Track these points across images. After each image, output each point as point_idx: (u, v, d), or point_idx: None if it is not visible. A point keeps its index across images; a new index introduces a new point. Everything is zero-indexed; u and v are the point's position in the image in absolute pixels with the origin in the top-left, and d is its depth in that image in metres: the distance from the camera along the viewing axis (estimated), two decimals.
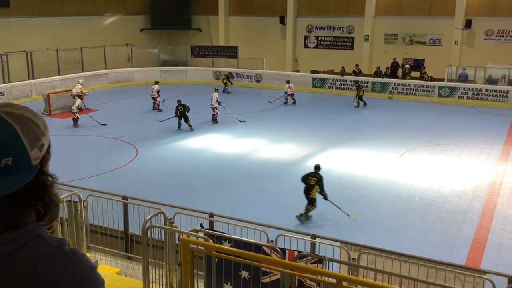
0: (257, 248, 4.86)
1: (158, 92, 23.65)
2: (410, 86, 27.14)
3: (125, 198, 8.55)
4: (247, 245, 4.91)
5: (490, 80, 26.23)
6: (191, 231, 5.49)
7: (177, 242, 5.54)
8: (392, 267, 6.45)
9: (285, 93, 25.15)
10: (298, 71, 33.74)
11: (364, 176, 14.68)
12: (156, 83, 24.16)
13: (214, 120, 20.88)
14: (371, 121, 21.63)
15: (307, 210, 11.42)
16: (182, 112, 19.83)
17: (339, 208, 11.59)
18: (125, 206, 8.53)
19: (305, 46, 34.75)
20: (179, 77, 31.73)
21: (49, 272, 1.30)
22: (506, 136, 19.45)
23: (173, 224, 5.52)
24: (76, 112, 20.48)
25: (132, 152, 16.83)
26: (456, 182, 14.15)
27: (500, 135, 19.40)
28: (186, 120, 19.69)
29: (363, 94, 24.63)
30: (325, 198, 11.35)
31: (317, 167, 11.71)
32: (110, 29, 33.65)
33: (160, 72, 31.45)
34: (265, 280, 4.81)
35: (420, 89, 26.85)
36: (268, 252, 4.80)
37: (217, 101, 20.66)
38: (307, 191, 11.43)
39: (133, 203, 8.39)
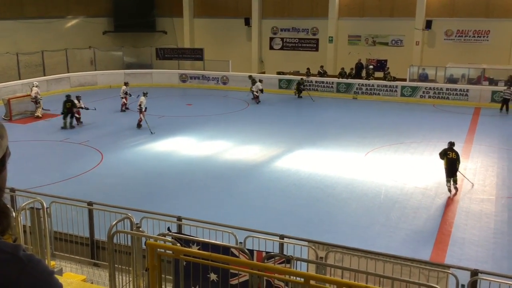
0: (226, 250, 4.86)
1: (126, 93, 23.36)
2: (373, 86, 27.64)
3: (90, 204, 8.40)
4: (215, 248, 4.90)
5: (451, 79, 26.97)
6: (158, 235, 5.45)
7: (144, 247, 5.48)
8: (359, 265, 6.55)
9: (259, 90, 25.25)
10: (264, 72, 33.87)
11: (331, 175, 14.86)
12: (125, 84, 23.85)
13: (138, 125, 20.22)
14: (336, 121, 21.92)
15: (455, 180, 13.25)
16: (69, 108, 19.77)
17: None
18: (90, 212, 8.37)
19: (271, 47, 34.94)
20: (144, 80, 31.38)
21: (3, 279, 1.27)
22: (467, 133, 20.03)
23: (140, 229, 5.46)
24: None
25: (96, 157, 16.55)
26: (419, 180, 14.48)
27: (461, 133, 19.95)
28: (72, 117, 19.91)
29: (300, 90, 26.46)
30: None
31: (452, 144, 13.49)
32: (72, 32, 33.02)
33: (124, 75, 31.01)
34: (234, 282, 4.82)
35: (383, 89, 27.37)
36: (236, 253, 4.80)
37: (139, 105, 19.90)
38: (454, 164, 13.22)
39: (98, 209, 8.25)
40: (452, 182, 13.26)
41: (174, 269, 5.09)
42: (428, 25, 29.40)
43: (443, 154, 13.41)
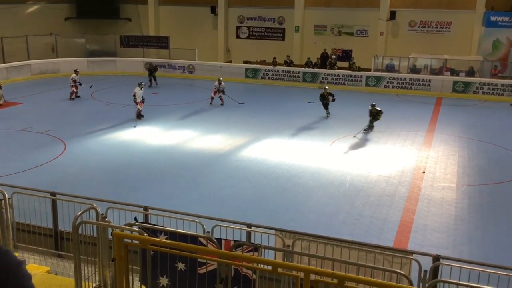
0: (193, 239, 4.85)
1: (74, 81, 22.94)
2: (339, 76, 27.93)
3: (53, 194, 8.22)
4: (183, 237, 4.89)
5: (414, 70, 27.53)
6: (124, 225, 5.38)
7: (110, 237, 5.41)
8: (325, 252, 6.65)
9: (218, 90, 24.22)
10: (230, 61, 33.75)
11: (298, 164, 14.99)
12: (75, 72, 23.34)
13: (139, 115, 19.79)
14: (303, 111, 22.04)
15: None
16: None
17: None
18: (54, 203, 8.20)
19: (237, 36, 34.79)
20: (108, 68, 30.77)
21: None
22: (429, 123, 20.53)
23: (106, 219, 5.38)
24: None
25: (59, 146, 16.18)
26: (383, 168, 14.78)
27: (423, 122, 20.45)
28: None
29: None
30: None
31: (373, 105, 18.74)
32: (33, 18, 31.99)
33: (87, 63, 30.36)
34: (202, 271, 4.82)
35: (349, 79, 27.71)
36: (204, 242, 4.80)
37: (134, 96, 19.40)
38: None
39: (62, 199, 8.08)
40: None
41: (141, 259, 5.06)
42: (392, 16, 29.85)
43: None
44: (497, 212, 11.84)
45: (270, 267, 3.82)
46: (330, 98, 20.75)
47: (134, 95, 19.36)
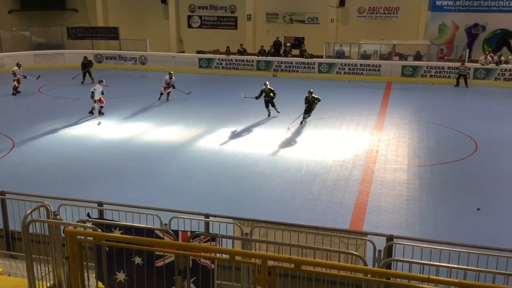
0: (149, 232, 4.80)
1: (14, 74, 22.18)
2: (292, 63, 28.13)
3: (2, 193, 7.93)
4: (138, 231, 4.83)
5: (364, 56, 28.07)
6: (77, 222, 5.27)
7: (63, 235, 5.28)
8: (283, 238, 6.74)
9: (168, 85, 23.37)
10: (183, 51, 33.40)
11: (254, 152, 15.05)
12: (17, 65, 22.51)
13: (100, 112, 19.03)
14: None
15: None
16: None
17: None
18: (3, 202, 7.92)
19: (189, 26, 34.42)
20: (56, 61, 29.79)
21: None
22: (380, 107, 21.02)
23: (57, 217, 5.24)
24: None
25: (7, 143, 15.59)
26: (338, 153, 15.05)
27: (374, 107, 20.92)
28: None
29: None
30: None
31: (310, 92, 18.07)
32: None
33: (34, 56, 29.29)
34: (159, 263, 4.78)
35: (302, 66, 27.96)
36: (161, 235, 4.76)
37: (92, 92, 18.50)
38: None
39: (11, 198, 7.81)
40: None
41: (96, 256, 4.97)
42: (342, 2, 30.25)
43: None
44: (447, 191, 12.30)
45: (227, 256, 3.84)
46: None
47: (92, 92, 18.34)
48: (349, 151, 15.21)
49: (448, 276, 5.37)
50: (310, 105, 18.03)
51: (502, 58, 25.76)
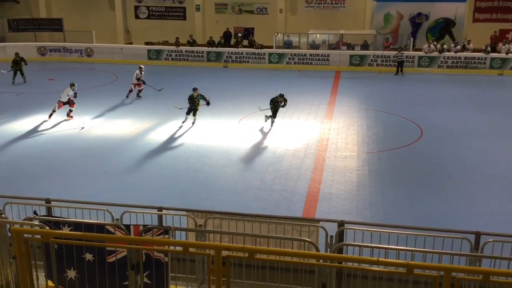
0: (100, 228, 4.71)
1: None
2: (243, 54, 28.12)
3: None
4: (89, 227, 4.73)
5: (313, 45, 28.41)
6: (23, 220, 5.10)
7: (10, 234, 5.10)
8: (237, 228, 6.78)
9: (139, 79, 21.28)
10: (131, 43, 32.72)
11: (207, 144, 14.98)
12: None
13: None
14: (208, 90, 21.84)
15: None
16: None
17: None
18: None
19: (137, 17, 33.73)
20: None
21: None
22: (330, 96, 21.39)
23: (2, 216, 5.06)
24: None
25: None
26: (289, 142, 15.22)
27: (324, 96, 21.27)
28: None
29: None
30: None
31: (281, 95, 16.71)
32: None
33: None
34: (111, 259, 4.71)
35: (252, 57, 28.00)
36: (112, 230, 4.68)
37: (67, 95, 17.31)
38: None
39: None
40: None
41: (45, 254, 4.83)
42: None
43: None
44: (394, 176, 12.70)
45: (181, 248, 3.82)
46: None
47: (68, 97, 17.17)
48: (301, 140, 15.41)
49: (396, 257, 5.59)
50: (276, 106, 16.70)
51: (445, 46, 26.72)
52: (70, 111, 17.55)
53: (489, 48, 26.15)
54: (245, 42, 29.23)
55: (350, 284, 6.13)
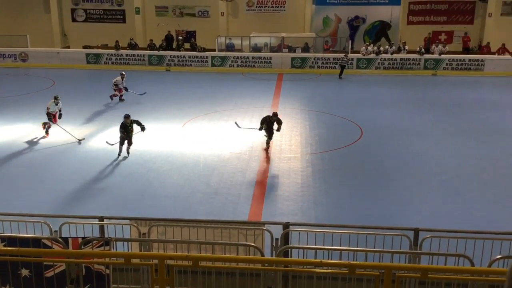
0: (36, 242, 4.51)
1: None
2: (185, 57, 27.88)
3: None
4: (24, 241, 4.51)
5: (255, 48, 28.60)
6: None
7: None
8: (182, 235, 6.68)
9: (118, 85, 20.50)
10: (68, 47, 31.70)
11: (150, 149, 14.71)
12: None
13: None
14: (151, 95, 21.59)
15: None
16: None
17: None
18: None
19: (74, 20, 32.70)
20: None
21: None
22: (273, 98, 21.59)
23: None
24: None
25: None
26: (234, 145, 15.22)
27: (267, 98, 21.44)
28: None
29: None
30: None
31: (274, 114, 14.77)
32: None
33: None
34: (49, 274, 4.51)
35: (195, 60, 27.82)
36: (49, 244, 4.49)
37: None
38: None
39: None
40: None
41: None
42: None
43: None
44: (337, 175, 12.98)
45: (123, 260, 3.72)
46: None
47: (48, 108, 15.83)
48: (245, 143, 15.45)
49: (340, 258, 5.70)
50: (270, 127, 14.65)
51: (381, 48, 27.63)
52: (49, 127, 16.04)
53: (423, 50, 27.28)
54: (187, 46, 28.99)
55: (296, 285, 6.20)
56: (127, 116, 14.04)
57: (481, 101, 21.10)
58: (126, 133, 13.94)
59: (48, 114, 15.83)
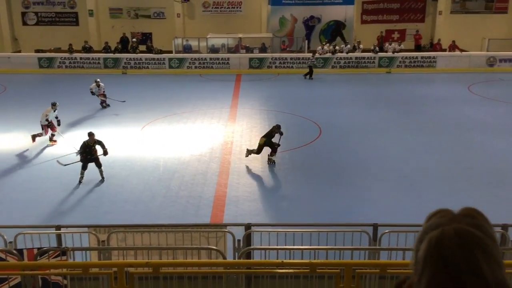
0: None
1: None
2: (142, 60, 27.50)
3: None
4: None
5: (213, 49, 28.50)
6: None
7: None
8: (142, 240, 6.59)
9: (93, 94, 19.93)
10: (20, 51, 30.70)
11: (108, 155, 14.42)
12: None
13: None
14: (108, 99, 21.19)
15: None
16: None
17: None
18: None
19: (24, 23, 31.70)
20: None
21: None
22: (232, 99, 21.59)
23: None
24: None
25: None
26: (194, 147, 15.13)
27: (226, 99, 21.42)
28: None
29: None
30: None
31: (277, 126, 13.76)
32: None
33: None
34: (4, 287, 4.37)
35: (152, 62, 27.47)
36: (3, 256, 4.34)
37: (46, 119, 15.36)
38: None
39: None
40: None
41: None
42: None
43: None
44: (298, 174, 13.10)
45: (80, 270, 3.63)
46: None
47: (46, 118, 15.15)
48: (205, 145, 15.38)
49: (301, 257, 5.76)
50: (271, 140, 13.48)
51: (337, 47, 28.06)
52: (53, 135, 15.50)
53: (377, 48, 27.88)
54: (143, 47, 28.59)
55: (258, 286, 6.22)
56: (91, 134, 12.40)
57: (434, 97, 21.75)
58: (88, 155, 12.30)
59: (47, 122, 15.17)
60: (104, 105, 19.87)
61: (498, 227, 7.34)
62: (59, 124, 15.73)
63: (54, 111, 15.57)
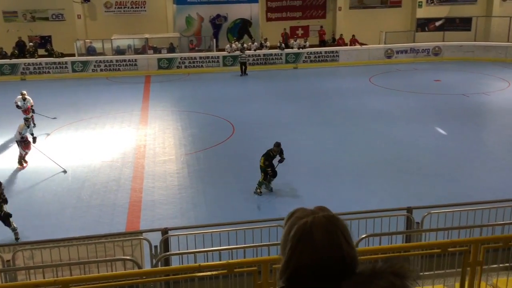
0: None
1: None
2: (42, 64, 26.03)
3: None
4: None
5: (119, 51, 27.62)
6: None
7: None
8: (51, 256, 6.24)
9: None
10: None
11: (10, 167, 13.54)
12: None
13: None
14: (4, 107, 19.81)
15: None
16: None
17: None
18: None
19: None
20: None
21: None
22: (142, 101, 21.07)
23: None
24: None
25: None
26: (105, 153, 14.60)
27: (136, 102, 20.87)
28: None
29: None
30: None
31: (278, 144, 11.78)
32: None
33: None
34: None
35: (53, 67, 26.10)
36: None
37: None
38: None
39: None
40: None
41: None
42: None
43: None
44: (213, 174, 13.08)
45: None
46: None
47: (22, 137, 13.50)
48: (117, 150, 14.91)
49: (219, 257, 5.74)
50: (271, 162, 11.76)
51: (245, 45, 28.32)
52: (25, 154, 13.79)
53: (283, 45, 28.52)
54: (42, 52, 27.06)
55: None
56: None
57: (339, 90, 22.64)
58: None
59: (22, 139, 13.54)
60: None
61: (404, 210, 7.80)
62: (34, 142, 14.25)
63: (28, 127, 14.04)
